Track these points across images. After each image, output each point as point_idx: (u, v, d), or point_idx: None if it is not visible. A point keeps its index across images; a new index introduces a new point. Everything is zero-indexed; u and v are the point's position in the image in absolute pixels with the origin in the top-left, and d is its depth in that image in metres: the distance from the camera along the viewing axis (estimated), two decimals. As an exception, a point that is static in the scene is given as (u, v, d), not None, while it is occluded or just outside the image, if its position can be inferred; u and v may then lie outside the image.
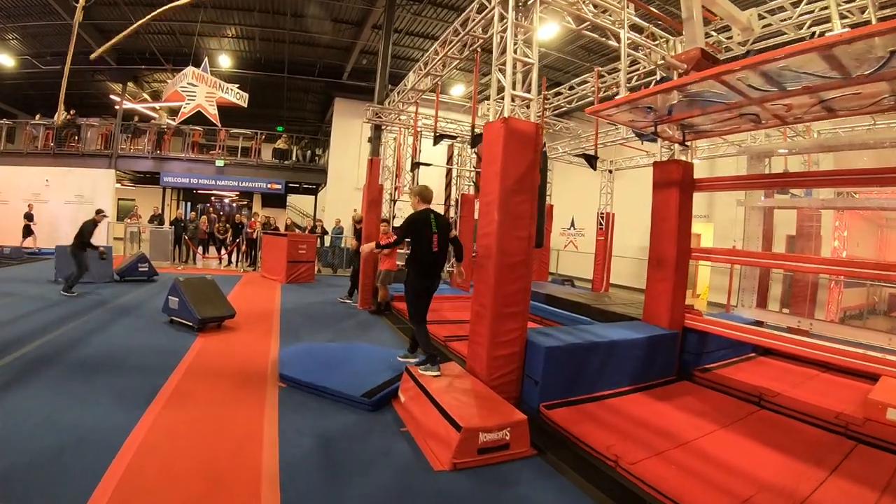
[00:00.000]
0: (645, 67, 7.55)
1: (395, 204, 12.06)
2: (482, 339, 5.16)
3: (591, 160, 9.03)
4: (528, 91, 5.54)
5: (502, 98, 5.42)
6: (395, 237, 5.75)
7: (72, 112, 19.71)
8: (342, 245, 17.80)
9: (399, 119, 11.31)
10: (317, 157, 21.18)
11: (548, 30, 10.49)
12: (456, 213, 12.78)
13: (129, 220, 17.09)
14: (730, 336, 6.08)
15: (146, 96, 22.19)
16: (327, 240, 17.70)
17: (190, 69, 14.40)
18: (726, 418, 4.90)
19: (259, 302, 10.56)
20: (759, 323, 7.51)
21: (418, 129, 10.40)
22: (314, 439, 4.11)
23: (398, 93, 10.61)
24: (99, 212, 10.69)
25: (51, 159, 19.63)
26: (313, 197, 23.66)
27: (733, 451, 4.12)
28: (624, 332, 6.11)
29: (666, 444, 4.17)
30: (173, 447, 3.77)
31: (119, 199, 19.70)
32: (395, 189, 11.83)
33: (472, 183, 12.88)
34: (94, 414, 4.27)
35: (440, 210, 15.59)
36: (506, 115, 5.27)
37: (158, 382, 5.12)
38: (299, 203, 26.68)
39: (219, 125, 16.00)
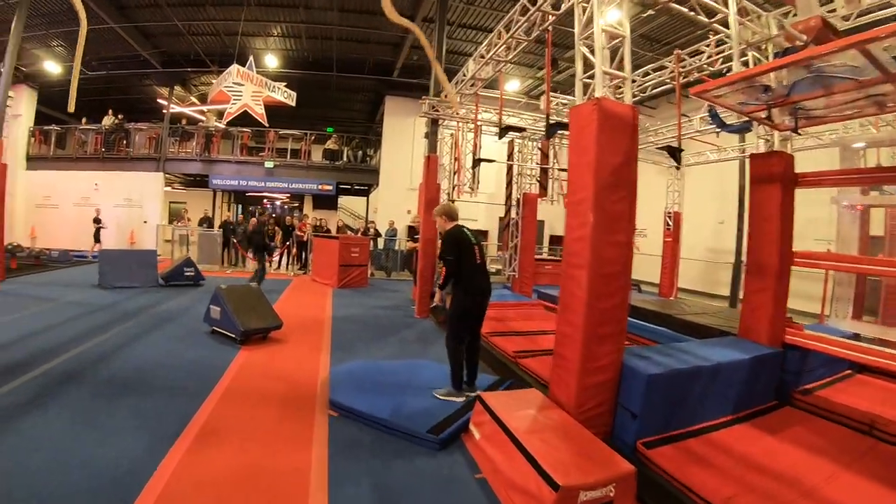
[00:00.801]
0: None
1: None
2: (571, 364, 4.33)
3: (675, 153, 8.10)
4: (620, 69, 4.71)
5: (590, 78, 4.61)
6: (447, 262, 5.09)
7: (119, 117, 19.96)
8: (396, 248, 17.24)
9: (457, 113, 10.57)
10: (368, 158, 20.65)
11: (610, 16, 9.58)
12: (517, 213, 11.99)
13: (177, 223, 16.91)
14: (840, 354, 5.16)
15: (194, 99, 22.29)
16: (380, 242, 17.07)
17: (235, 67, 14.06)
18: (843, 454, 4.11)
19: (309, 309, 10.04)
20: (857, 336, 6.57)
21: (478, 123, 9.68)
22: (371, 490, 3.42)
23: (456, 83, 9.89)
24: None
25: (99, 164, 19.85)
26: (365, 198, 23.14)
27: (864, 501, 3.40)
28: (725, 351, 5.17)
29: (790, 493, 3.45)
30: (200, 499, 3.15)
31: (170, 203, 19.67)
32: (454, 188, 11.10)
33: (534, 181, 12.10)
34: (113, 449, 3.69)
35: (501, 211, 15.06)
36: (597, 94, 4.44)
37: (191, 408, 4.55)
38: (351, 205, 26.29)
39: (266, 124, 15.62)
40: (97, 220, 17.10)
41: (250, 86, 14.60)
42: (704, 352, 5.06)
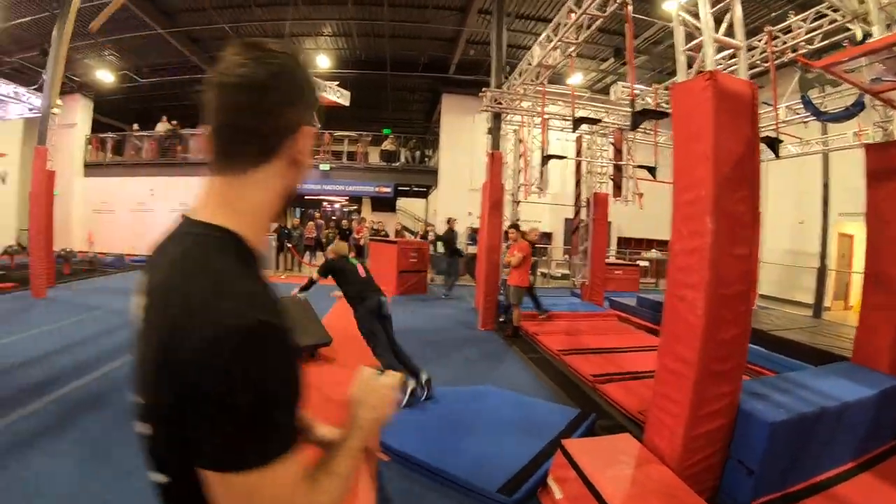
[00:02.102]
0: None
1: (517, 206, 10.63)
2: (679, 408, 3.47)
3: (774, 144, 7.16)
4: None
5: (693, 52, 3.84)
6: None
7: (174, 123, 20.12)
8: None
9: (520, 106, 9.84)
10: (426, 159, 20.07)
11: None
12: (588, 215, 11.19)
13: None
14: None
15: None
16: (440, 246, 16.30)
17: None
18: None
19: None
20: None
21: (545, 117, 8.93)
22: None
23: (519, 73, 9.14)
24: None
25: (155, 169, 20.09)
26: (424, 200, 22.60)
27: None
28: (847, 385, 4.18)
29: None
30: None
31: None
32: (521, 187, 10.33)
33: (604, 180, 11.27)
34: (122, 494, 3.19)
35: (566, 212, 14.28)
36: (709, 67, 3.64)
37: None
38: (410, 207, 25.81)
39: (320, 126, 15.06)
40: None
41: None
42: (823, 385, 4.09)
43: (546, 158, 8.94)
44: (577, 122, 7.82)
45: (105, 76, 18.66)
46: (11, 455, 3.68)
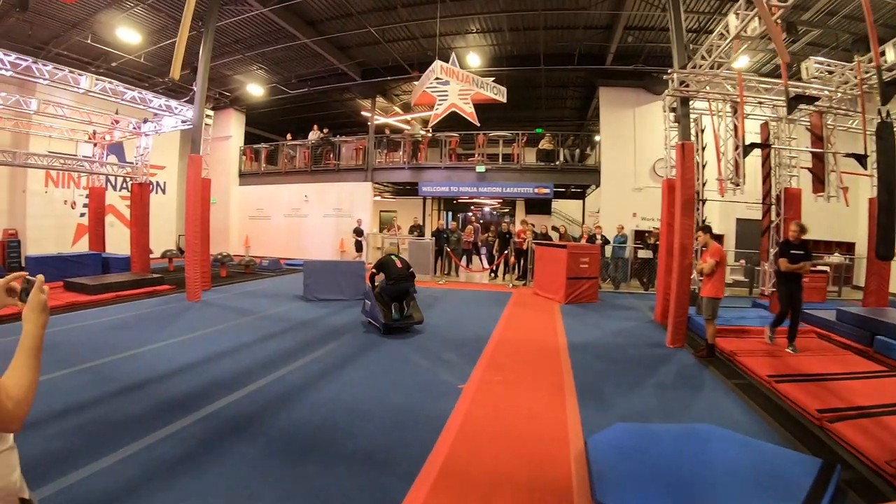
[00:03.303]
0: None
1: (703, 204, 9.42)
2: None
3: None
4: None
5: None
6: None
7: (325, 131, 20.85)
8: (625, 256, 15.38)
9: (705, 90, 8.60)
10: (585, 157, 18.91)
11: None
12: (779, 214, 9.78)
13: (387, 232, 16.71)
14: None
15: (397, 109, 22.64)
16: (608, 250, 15.19)
17: (437, 63, 13.23)
18: None
19: (538, 332, 8.77)
20: None
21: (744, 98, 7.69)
22: None
23: (707, 51, 7.90)
24: None
25: (308, 176, 21.01)
26: (580, 201, 21.56)
27: None
28: None
29: None
30: None
31: (380, 211, 19.90)
32: (720, 181, 9.03)
33: (795, 173, 9.81)
34: None
35: (737, 211, 12.80)
36: None
37: (391, 498, 3.32)
38: (564, 208, 24.88)
39: (477, 124, 14.47)
40: (358, 232, 17.73)
41: (456, 83, 13.64)
42: None
43: (748, 148, 7.70)
44: (793, 101, 6.57)
45: (255, 89, 19.73)
46: (139, 495, 3.25)
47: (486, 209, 31.70)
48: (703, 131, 9.68)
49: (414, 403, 5.11)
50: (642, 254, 14.35)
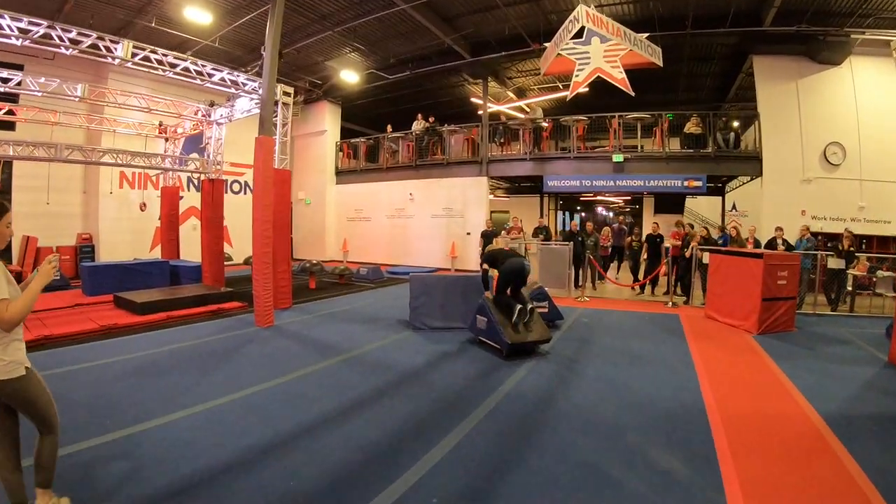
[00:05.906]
0: None
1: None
2: None
3: None
4: None
5: None
6: None
7: (430, 119, 18.47)
8: (809, 266, 11.37)
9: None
10: (738, 142, 14.72)
11: None
12: None
13: (506, 235, 13.43)
14: None
15: (511, 94, 19.77)
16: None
17: (581, 8, 10.21)
18: None
19: (764, 393, 5.40)
20: None
21: None
22: None
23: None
24: None
25: (413, 172, 18.67)
26: (719, 198, 17.59)
27: None
28: None
29: None
30: None
31: (491, 212, 17.09)
32: None
33: None
34: None
35: None
36: None
37: None
38: (695, 207, 21.06)
39: (630, 92, 11.07)
40: (487, 237, 14.55)
41: (600, 42, 10.59)
42: None
43: None
44: None
45: (349, 76, 17.50)
46: None
47: (598, 210, 28.16)
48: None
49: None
50: (832, 263, 10.58)
